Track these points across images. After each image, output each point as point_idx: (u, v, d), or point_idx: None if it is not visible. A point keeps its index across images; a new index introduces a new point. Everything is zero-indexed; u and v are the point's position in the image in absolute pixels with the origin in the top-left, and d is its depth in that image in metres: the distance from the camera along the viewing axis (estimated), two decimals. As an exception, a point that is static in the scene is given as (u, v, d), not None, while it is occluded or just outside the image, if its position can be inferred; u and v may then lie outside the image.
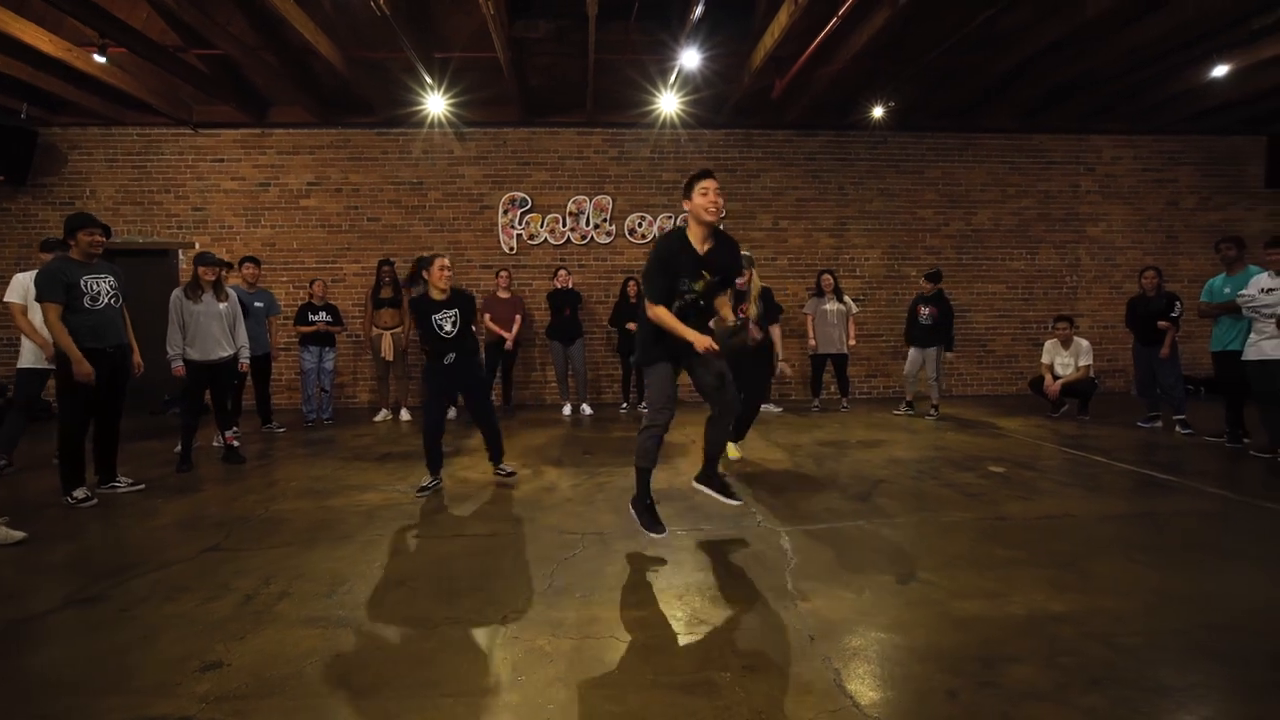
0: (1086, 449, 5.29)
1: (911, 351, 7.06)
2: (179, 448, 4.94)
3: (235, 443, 5.21)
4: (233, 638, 2.34)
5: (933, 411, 6.86)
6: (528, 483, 4.46)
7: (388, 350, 7.06)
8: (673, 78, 6.75)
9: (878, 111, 7.57)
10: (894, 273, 8.69)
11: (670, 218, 8.36)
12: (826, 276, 7.48)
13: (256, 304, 6.23)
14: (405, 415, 7.19)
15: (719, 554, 3.10)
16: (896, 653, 2.18)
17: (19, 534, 3.34)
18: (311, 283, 7.04)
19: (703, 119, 8.08)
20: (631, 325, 7.11)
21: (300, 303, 7.09)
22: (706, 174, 3.07)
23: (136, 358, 4.42)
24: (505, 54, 6.19)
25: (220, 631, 2.39)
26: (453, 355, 4.18)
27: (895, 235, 8.68)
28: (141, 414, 7.28)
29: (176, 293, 4.80)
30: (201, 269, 4.87)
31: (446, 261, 4.19)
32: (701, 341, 2.87)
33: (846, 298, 7.57)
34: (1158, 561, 2.93)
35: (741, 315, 4.27)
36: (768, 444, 5.64)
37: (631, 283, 7.53)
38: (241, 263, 6.42)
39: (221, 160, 7.91)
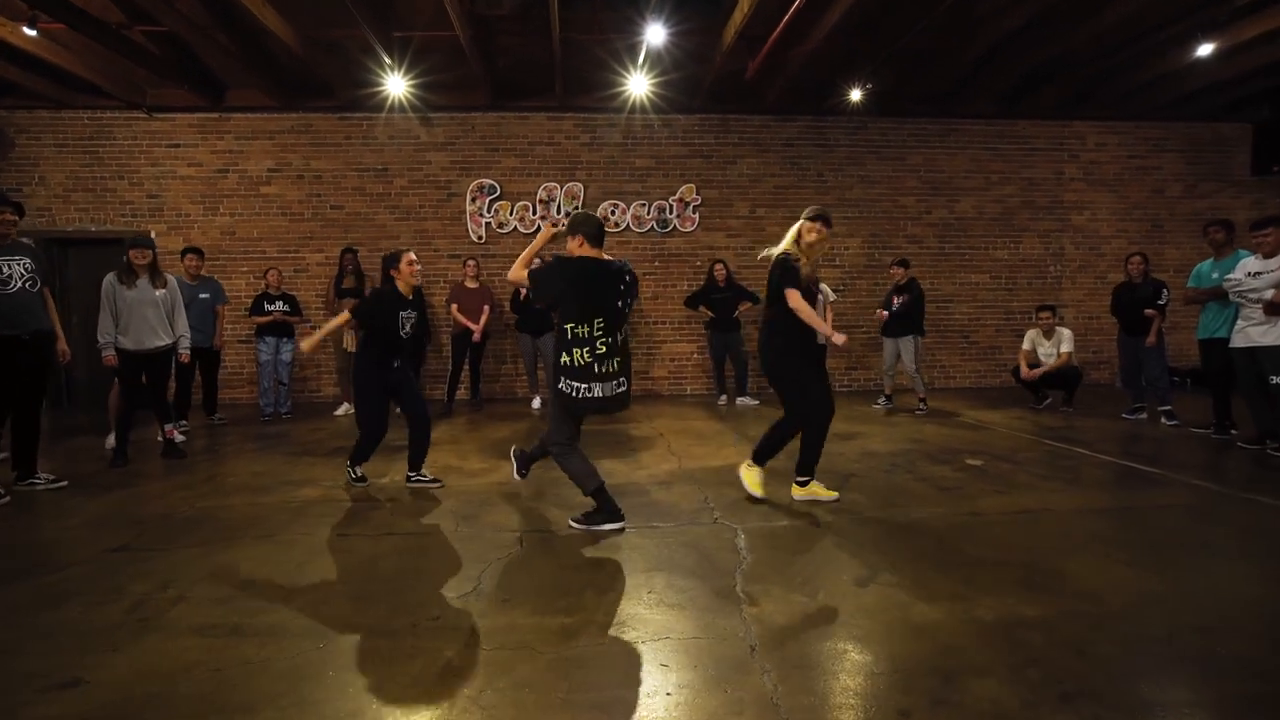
0: (1069, 441, 5.09)
1: (885, 342, 6.84)
2: (110, 441, 4.65)
3: (177, 436, 4.93)
4: (106, 650, 2.08)
5: (921, 407, 6.55)
6: (480, 477, 4.21)
7: (350, 342, 6.77)
8: (641, 57, 6.49)
9: (855, 95, 7.34)
10: (874, 262, 8.47)
11: (644, 205, 8.11)
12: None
13: (201, 295, 5.95)
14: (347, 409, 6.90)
15: (668, 554, 2.86)
16: (847, 665, 1.95)
17: None
18: (267, 272, 6.75)
19: (677, 103, 7.83)
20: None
21: (257, 293, 6.79)
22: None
23: (62, 345, 4.13)
24: (465, 32, 5.91)
25: (95, 643, 2.13)
26: (398, 361, 3.92)
27: (876, 223, 8.47)
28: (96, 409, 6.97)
29: (109, 277, 4.49)
30: (133, 252, 4.57)
31: (414, 256, 3.93)
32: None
33: (824, 285, 7.29)
34: (1138, 559, 2.72)
35: None
36: (738, 438, 5.41)
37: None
38: (183, 254, 6.12)
39: (177, 145, 7.59)
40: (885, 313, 6.72)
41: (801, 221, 3.46)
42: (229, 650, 2.07)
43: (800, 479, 3.61)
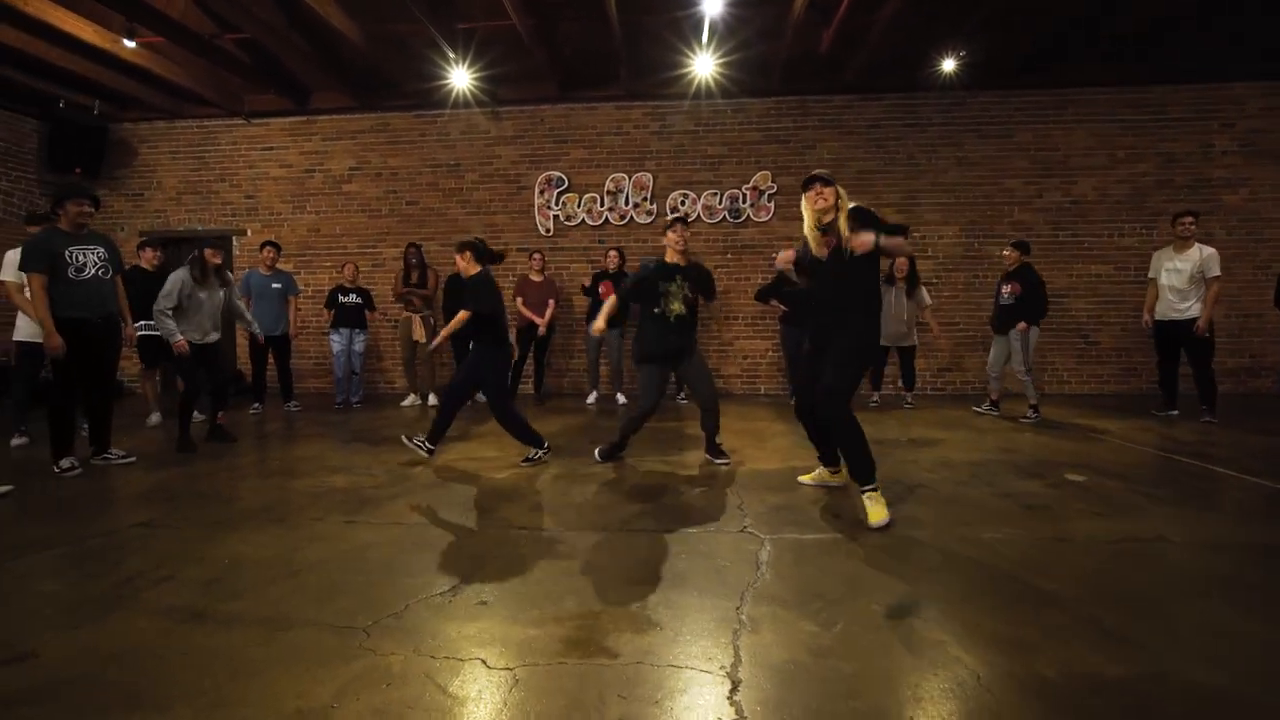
0: (1204, 457, 4.22)
1: (994, 341, 6.03)
2: (153, 419, 5.13)
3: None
4: (70, 626, 2.04)
5: (1030, 414, 5.69)
6: (512, 469, 4.04)
7: (420, 333, 6.90)
8: (706, 34, 6.13)
9: (949, 65, 6.61)
10: (974, 252, 7.62)
11: (715, 194, 7.73)
12: (901, 260, 6.39)
13: (274, 285, 6.23)
14: (434, 400, 7.00)
15: (676, 562, 2.52)
16: None
17: (2, 486, 3.51)
18: (343, 265, 7.00)
19: (749, 86, 7.40)
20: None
21: (331, 287, 7.07)
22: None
23: (128, 330, 4.39)
24: (523, 20, 5.82)
25: (65, 617, 2.10)
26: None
27: (976, 210, 7.61)
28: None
29: (181, 273, 4.75)
30: (209, 251, 4.84)
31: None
32: None
33: (922, 290, 6.57)
34: (1277, 614, 2.08)
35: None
36: (799, 441, 4.93)
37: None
38: (262, 246, 6.45)
39: (270, 148, 8.08)
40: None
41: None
42: (180, 637, 1.97)
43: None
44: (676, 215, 4.19)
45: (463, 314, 4.10)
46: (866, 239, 2.83)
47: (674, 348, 4.02)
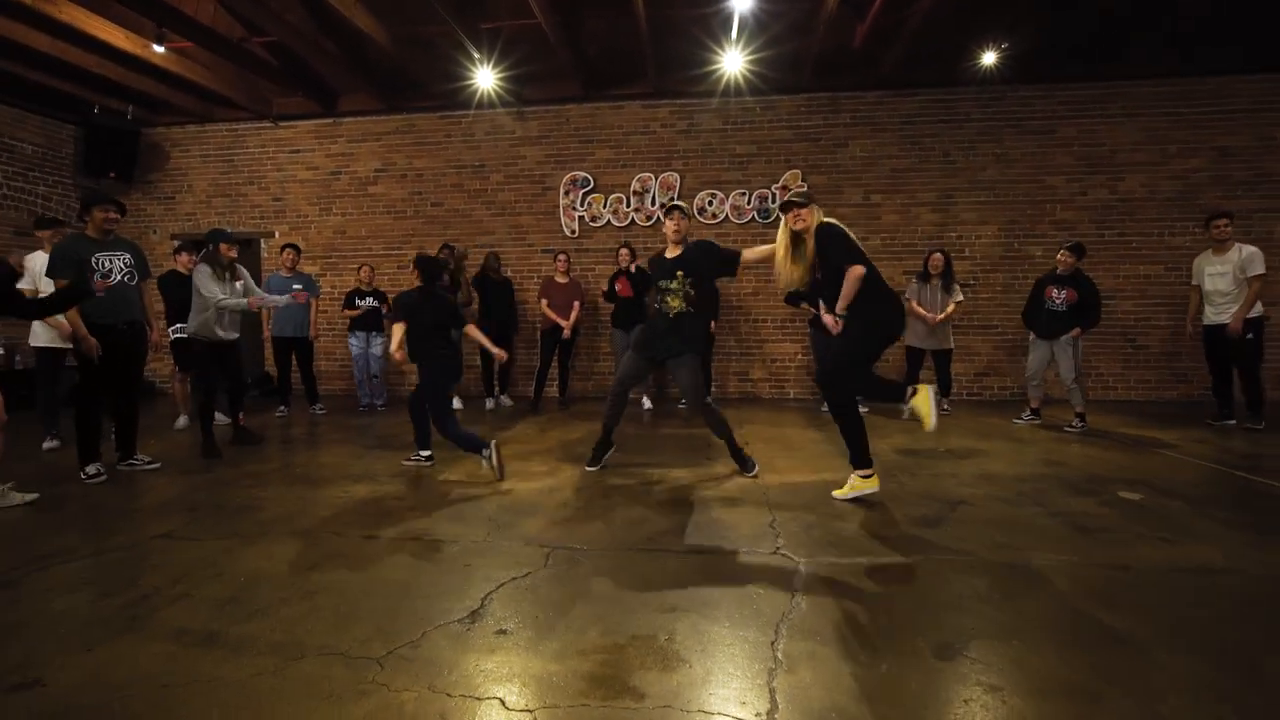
0: (1272, 474, 3.95)
1: (1036, 344, 5.75)
2: (180, 423, 5.28)
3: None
4: (82, 648, 1.99)
5: (1076, 424, 5.40)
6: (535, 480, 3.94)
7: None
8: (735, 29, 5.97)
9: (989, 58, 6.35)
10: (1013, 252, 7.33)
11: (744, 194, 7.56)
12: (937, 256, 6.13)
13: (295, 286, 6.22)
14: (458, 404, 6.95)
15: (705, 588, 2.38)
16: (896, 780, 1.40)
17: (29, 495, 3.55)
18: (359, 268, 6.99)
19: (779, 83, 7.21)
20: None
21: (349, 289, 7.07)
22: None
23: (155, 335, 4.40)
24: (548, 18, 5.72)
25: (77, 638, 2.05)
26: None
27: (1015, 208, 7.31)
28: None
29: (203, 269, 4.70)
30: (224, 245, 4.74)
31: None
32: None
33: (957, 287, 6.30)
34: (1383, 658, 1.87)
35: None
36: (833, 451, 4.75)
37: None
38: (282, 249, 6.47)
39: (298, 151, 8.12)
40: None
41: None
42: (190, 662, 1.90)
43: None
44: (674, 203, 3.89)
45: (397, 327, 4.06)
46: (834, 326, 3.45)
47: (662, 346, 3.93)
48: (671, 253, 3.96)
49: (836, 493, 3.46)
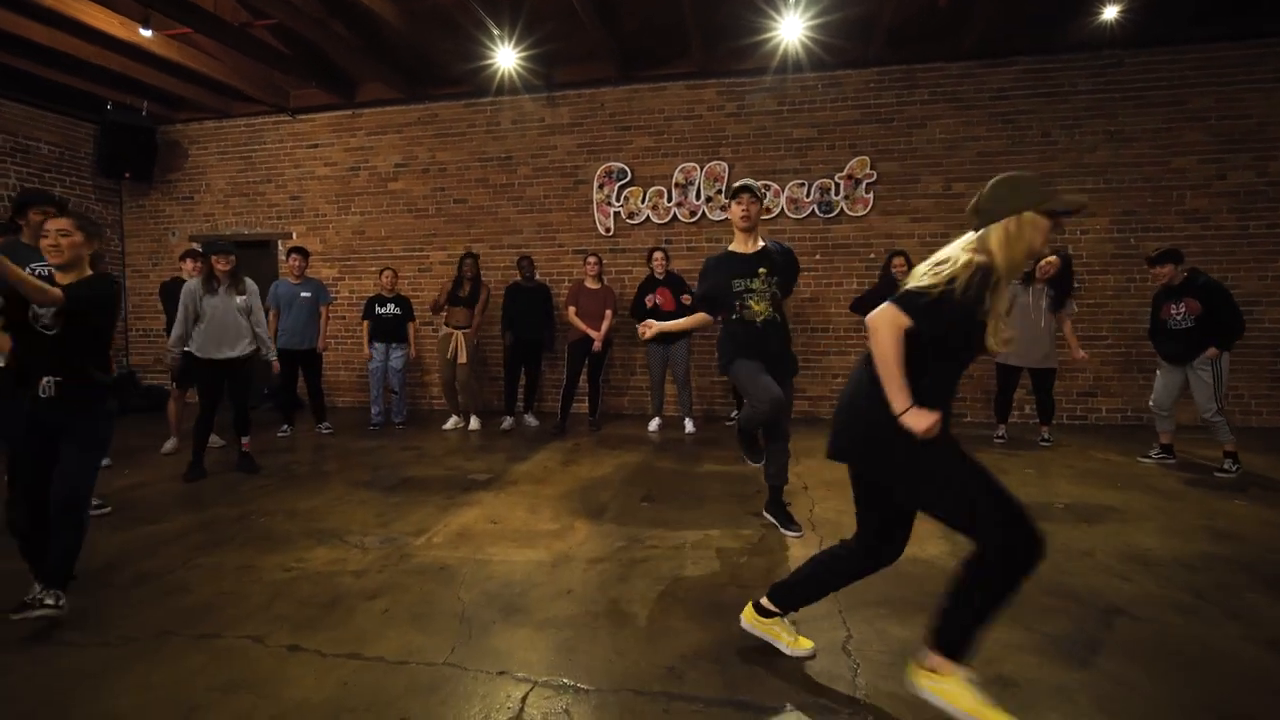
0: None
1: (1165, 371, 4.61)
2: (168, 446, 4.84)
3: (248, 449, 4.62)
4: None
5: (1229, 466, 4.32)
6: (534, 546, 3.15)
7: (460, 352, 6.15)
8: (793, -12, 5.02)
9: (1110, 13, 5.19)
10: (1128, 250, 6.13)
11: (802, 185, 6.59)
12: (1051, 260, 4.96)
13: (303, 294, 5.65)
14: (475, 424, 6.26)
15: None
16: None
17: None
18: (381, 272, 6.36)
19: (845, 55, 6.20)
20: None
21: (369, 294, 6.46)
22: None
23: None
24: (576, -17, 4.90)
25: None
26: None
27: (1133, 196, 6.10)
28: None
29: (193, 284, 4.39)
30: (215, 258, 4.41)
31: None
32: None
33: (1071, 301, 5.20)
34: None
35: None
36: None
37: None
38: (288, 254, 5.89)
39: (316, 145, 7.58)
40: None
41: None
42: None
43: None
44: (743, 183, 3.08)
45: None
46: None
47: (774, 351, 3.08)
48: (743, 246, 3.14)
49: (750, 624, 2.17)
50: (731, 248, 3.20)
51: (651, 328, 3.02)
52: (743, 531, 3.32)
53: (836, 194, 6.53)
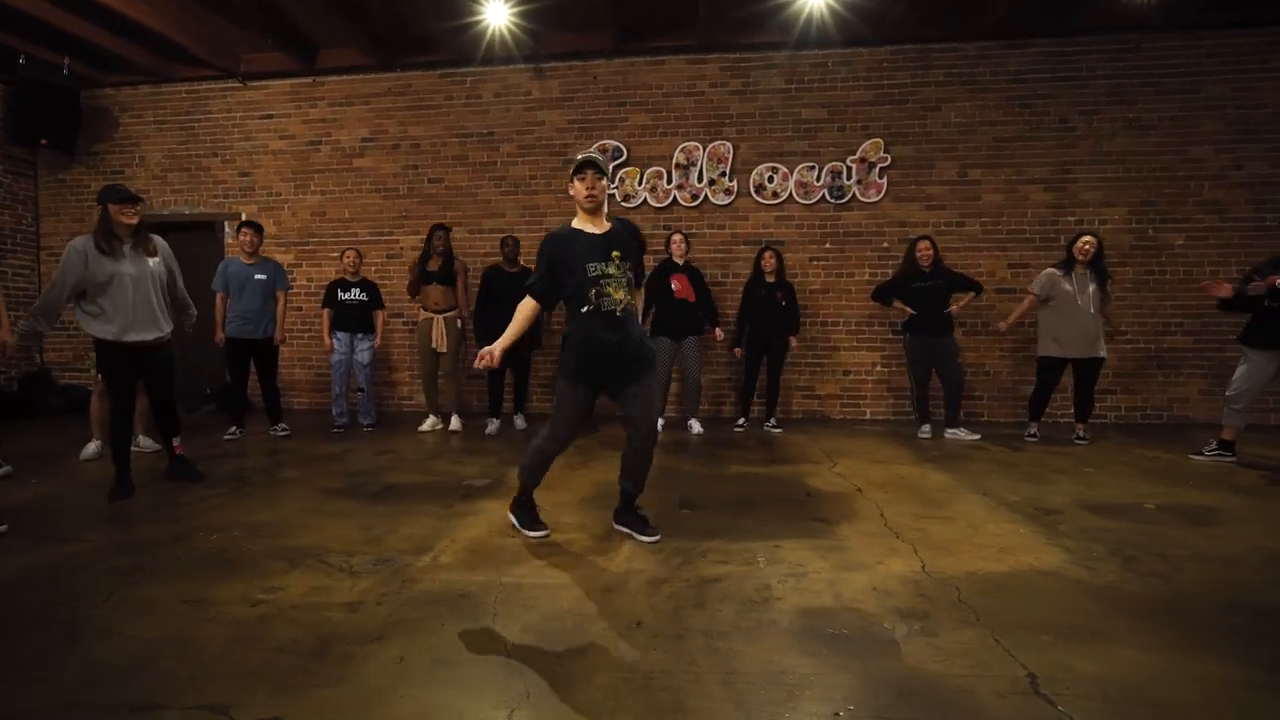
0: None
1: (1254, 358, 4.19)
2: (88, 451, 3.99)
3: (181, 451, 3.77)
4: None
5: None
6: (578, 564, 2.52)
7: (439, 339, 5.43)
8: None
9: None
10: (1146, 240, 5.92)
11: (812, 168, 6.16)
12: (1088, 240, 4.74)
13: (257, 276, 4.87)
14: (456, 424, 5.54)
15: None
16: None
17: None
18: (343, 253, 5.59)
19: (859, 32, 5.83)
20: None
21: (331, 279, 5.68)
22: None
23: (3, 334, 3.01)
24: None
25: None
26: None
27: (1151, 186, 5.91)
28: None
29: (82, 241, 3.31)
30: (115, 207, 3.30)
31: None
32: None
33: (1110, 287, 4.91)
34: None
35: None
36: (986, 500, 3.32)
37: (769, 254, 5.45)
38: (239, 228, 5.08)
39: (270, 116, 6.75)
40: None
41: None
42: None
43: None
44: (586, 155, 2.68)
45: None
46: None
47: (634, 339, 2.63)
48: (586, 224, 2.66)
49: None
50: (576, 224, 2.67)
51: (494, 355, 2.54)
52: (819, 541, 2.77)
53: (848, 178, 6.13)
